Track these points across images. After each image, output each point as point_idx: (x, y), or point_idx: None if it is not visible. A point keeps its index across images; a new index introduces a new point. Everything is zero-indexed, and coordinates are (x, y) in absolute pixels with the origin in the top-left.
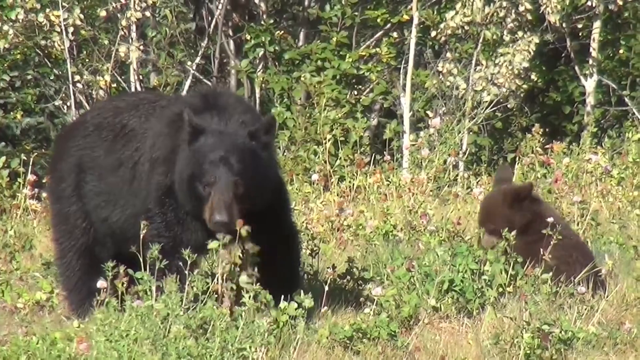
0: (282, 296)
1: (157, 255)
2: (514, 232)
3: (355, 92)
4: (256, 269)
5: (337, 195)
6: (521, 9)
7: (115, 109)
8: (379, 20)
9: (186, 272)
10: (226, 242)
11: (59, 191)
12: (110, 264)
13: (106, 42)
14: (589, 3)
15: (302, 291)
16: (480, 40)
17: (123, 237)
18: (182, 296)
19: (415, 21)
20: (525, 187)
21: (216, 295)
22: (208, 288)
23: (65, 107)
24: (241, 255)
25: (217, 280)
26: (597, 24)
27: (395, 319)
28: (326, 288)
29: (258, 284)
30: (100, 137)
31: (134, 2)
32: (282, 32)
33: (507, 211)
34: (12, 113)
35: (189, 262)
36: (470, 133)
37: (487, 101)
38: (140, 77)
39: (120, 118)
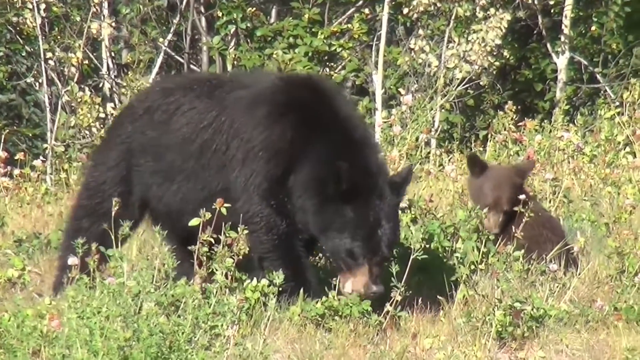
0: None
1: (270, 247)
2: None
3: (327, 69)
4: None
5: None
6: None
7: (163, 90)
8: None
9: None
10: (208, 217)
11: (101, 176)
12: (80, 240)
13: (78, 18)
14: None
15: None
16: (453, 17)
17: (179, 213)
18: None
19: None
20: (532, 164)
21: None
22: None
23: (37, 84)
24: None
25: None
26: (569, 1)
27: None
28: None
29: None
30: (152, 120)
31: None
32: (254, 8)
33: (519, 189)
34: None
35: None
36: (443, 110)
37: (459, 78)
38: (112, 53)
39: (172, 99)
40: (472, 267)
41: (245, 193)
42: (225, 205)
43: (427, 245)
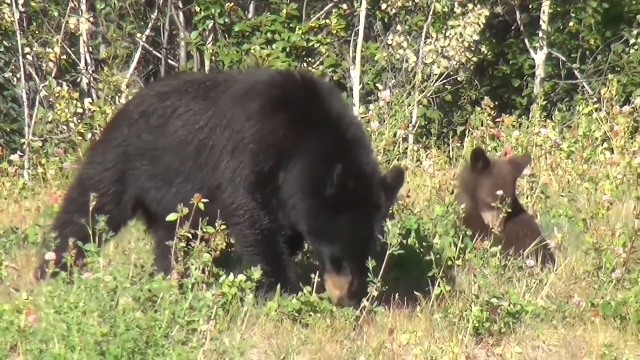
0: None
1: (252, 241)
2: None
3: (305, 65)
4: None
5: None
6: None
7: (159, 94)
8: None
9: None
10: (185, 212)
11: (96, 175)
12: (53, 234)
13: (56, 14)
14: None
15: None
16: (430, 13)
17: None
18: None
19: None
20: (528, 159)
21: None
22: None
23: (15, 79)
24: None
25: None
26: None
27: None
28: None
29: None
30: (148, 124)
31: None
32: (232, 4)
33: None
34: None
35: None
36: (420, 106)
37: (436, 74)
38: (90, 49)
39: (167, 102)
40: (449, 262)
41: (232, 184)
42: (204, 200)
43: (404, 241)
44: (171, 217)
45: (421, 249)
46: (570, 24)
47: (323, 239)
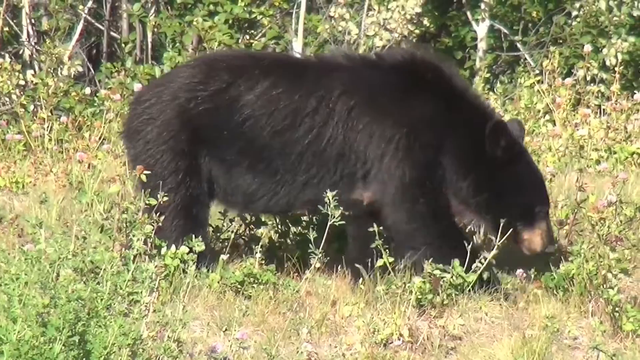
0: None
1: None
2: None
3: (248, 37)
4: None
5: None
6: None
7: (231, 69)
8: None
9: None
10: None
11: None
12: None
13: None
14: None
15: (193, 235)
16: None
17: (253, 196)
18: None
19: None
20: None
21: None
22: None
23: None
24: None
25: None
26: None
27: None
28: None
29: None
30: (223, 102)
31: None
32: None
33: None
34: None
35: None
36: None
37: (379, 46)
38: (32, 20)
39: (248, 81)
40: None
41: (395, 181)
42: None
43: (347, 212)
44: (113, 189)
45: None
46: None
47: (504, 200)
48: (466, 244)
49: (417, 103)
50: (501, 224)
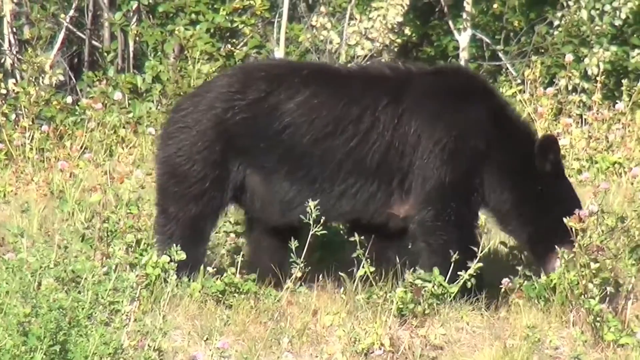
0: None
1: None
2: None
3: (229, 46)
4: None
5: None
6: None
7: (270, 79)
8: None
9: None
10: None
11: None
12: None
13: None
14: None
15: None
16: None
17: (289, 204)
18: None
19: None
20: None
21: None
22: None
23: None
24: None
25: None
26: None
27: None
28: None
29: None
30: (262, 108)
31: None
32: None
33: None
34: None
35: None
36: None
37: (360, 55)
38: (14, 29)
39: (288, 89)
40: None
41: (436, 187)
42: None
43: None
44: (95, 198)
45: (345, 230)
46: (495, 5)
47: (547, 215)
48: (477, 252)
49: (469, 109)
50: (536, 238)
